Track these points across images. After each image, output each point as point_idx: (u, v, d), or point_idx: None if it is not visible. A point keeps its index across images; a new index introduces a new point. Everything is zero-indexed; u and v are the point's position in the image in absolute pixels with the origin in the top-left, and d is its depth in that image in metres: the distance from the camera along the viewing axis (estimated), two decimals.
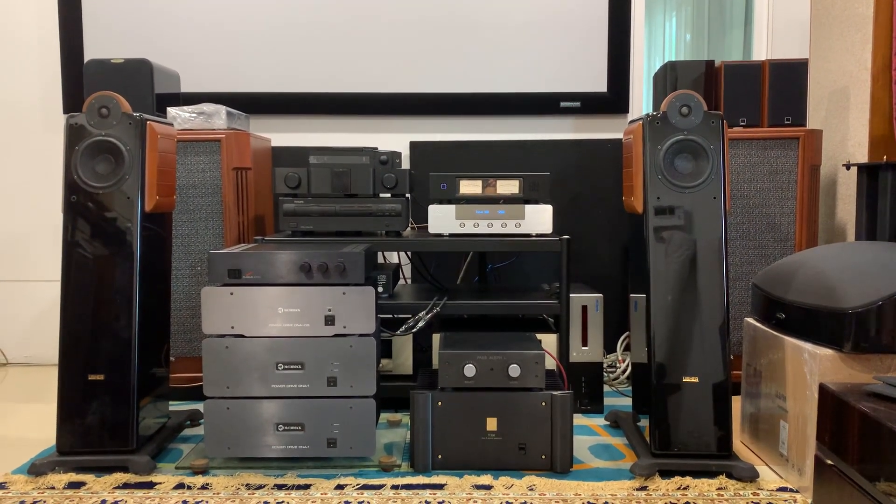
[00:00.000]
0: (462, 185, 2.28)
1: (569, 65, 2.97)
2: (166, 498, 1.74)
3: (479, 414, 1.89)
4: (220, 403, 1.86)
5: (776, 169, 2.46)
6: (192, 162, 2.47)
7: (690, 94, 1.85)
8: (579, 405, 2.40)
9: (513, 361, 1.88)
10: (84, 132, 1.90)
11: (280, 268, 1.87)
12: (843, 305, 1.66)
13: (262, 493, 1.77)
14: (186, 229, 2.48)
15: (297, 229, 2.28)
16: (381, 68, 2.97)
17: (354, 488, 1.78)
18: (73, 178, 1.89)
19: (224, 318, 1.86)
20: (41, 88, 3.01)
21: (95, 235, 1.89)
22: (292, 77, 2.97)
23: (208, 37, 2.95)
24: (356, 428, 1.87)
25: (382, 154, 2.32)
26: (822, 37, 2.78)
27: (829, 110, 2.72)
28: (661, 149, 1.85)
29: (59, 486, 1.80)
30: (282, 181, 2.28)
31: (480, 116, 3.01)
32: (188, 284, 2.50)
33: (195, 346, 2.52)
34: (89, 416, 1.87)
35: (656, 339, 1.84)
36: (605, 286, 2.89)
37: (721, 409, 1.82)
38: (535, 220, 2.26)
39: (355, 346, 1.86)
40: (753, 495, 1.74)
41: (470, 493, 1.75)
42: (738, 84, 2.49)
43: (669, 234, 1.85)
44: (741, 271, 2.50)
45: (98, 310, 1.88)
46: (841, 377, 1.66)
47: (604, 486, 1.79)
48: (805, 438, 1.72)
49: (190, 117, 2.48)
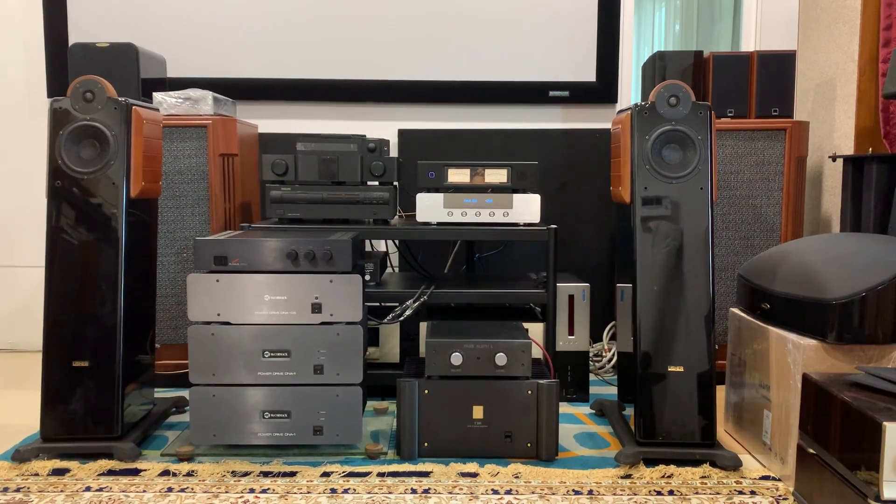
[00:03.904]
0: (450, 174, 2.27)
1: (558, 54, 2.96)
2: (151, 485, 1.74)
3: (465, 402, 1.89)
4: (206, 391, 1.85)
5: (763, 160, 2.48)
6: (178, 148, 2.45)
7: (679, 85, 1.86)
8: (565, 394, 2.41)
9: (499, 350, 1.88)
10: (68, 117, 1.88)
11: (267, 255, 1.87)
12: (827, 296, 1.68)
13: (247, 480, 1.77)
14: (172, 215, 2.47)
15: (283, 217, 2.27)
16: (369, 55, 2.95)
17: (340, 475, 1.79)
18: (58, 163, 1.87)
19: (210, 305, 1.85)
20: (25, 72, 2.98)
21: (80, 221, 1.88)
22: (280, 63, 2.95)
23: (195, 21, 2.92)
24: (342, 415, 1.87)
25: (370, 142, 2.31)
26: (809, 29, 2.79)
27: (816, 102, 2.73)
28: (648, 139, 1.85)
29: (43, 473, 1.79)
30: (269, 168, 2.27)
31: (469, 105, 3.00)
32: (174, 271, 2.49)
33: (181, 333, 2.50)
34: (74, 402, 1.86)
35: (642, 329, 1.85)
36: (591, 276, 2.90)
37: (705, 398, 1.83)
38: (522, 210, 2.26)
39: (342, 334, 1.86)
40: (736, 483, 1.75)
41: (456, 481, 1.76)
42: (726, 75, 2.49)
43: (656, 224, 1.86)
44: (727, 262, 2.51)
45: (83, 296, 1.87)
46: (824, 367, 1.68)
47: (589, 475, 1.80)
48: (788, 428, 1.74)
49: (176, 103, 2.46)
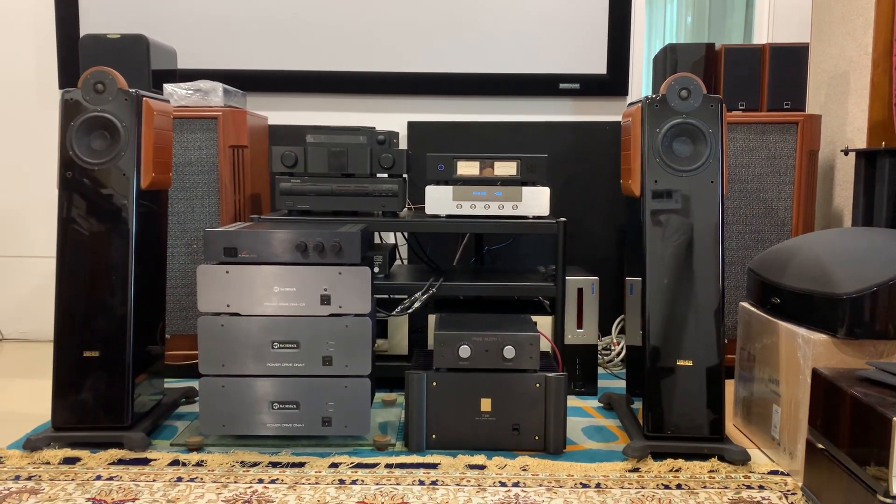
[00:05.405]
0: (459, 166, 2.27)
1: (568, 46, 2.95)
2: (161, 474, 1.75)
3: (473, 394, 1.89)
4: (216, 381, 1.86)
5: (774, 154, 2.46)
6: (189, 139, 2.45)
7: (690, 78, 1.84)
8: (573, 387, 2.41)
9: (508, 343, 1.88)
10: (79, 108, 1.88)
11: (276, 247, 1.87)
12: (838, 291, 1.67)
13: (256, 470, 1.77)
14: (182, 207, 2.47)
15: (293, 208, 2.28)
16: (379, 47, 2.94)
17: (349, 467, 1.79)
18: (69, 154, 1.88)
19: (220, 296, 1.86)
20: (36, 63, 2.99)
21: (91, 212, 1.89)
22: (290, 55, 2.94)
23: (206, 13, 2.92)
24: (351, 407, 1.87)
25: (380, 134, 2.30)
26: (823, 21, 2.77)
27: (829, 95, 2.71)
28: (659, 132, 1.84)
29: (53, 462, 1.81)
30: (278, 160, 2.27)
31: (479, 97, 3.00)
32: (184, 262, 2.49)
33: (191, 324, 2.52)
34: (84, 392, 1.87)
35: (651, 322, 1.85)
36: (601, 269, 2.90)
37: (714, 392, 1.83)
38: (532, 202, 2.25)
39: (351, 326, 1.86)
40: (745, 478, 1.75)
41: (463, 473, 1.77)
42: (738, 68, 2.47)
43: (666, 218, 1.85)
44: (737, 256, 2.50)
45: (93, 286, 1.88)
46: (834, 362, 1.67)
47: (596, 468, 1.80)
48: (797, 422, 1.73)
49: (186, 94, 2.47)
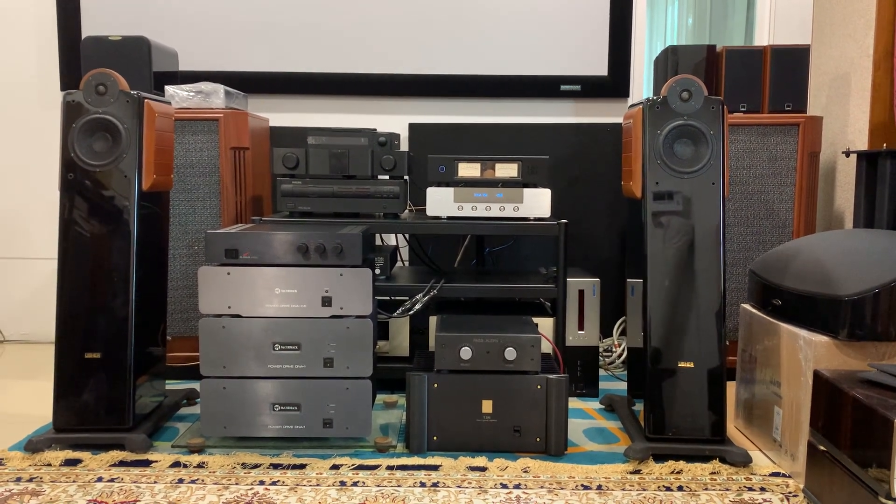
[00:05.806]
0: (460, 168, 2.27)
1: (570, 48, 2.95)
2: (162, 476, 1.75)
3: (474, 396, 1.89)
4: (217, 383, 1.86)
5: (775, 155, 2.46)
6: (190, 141, 2.46)
7: (691, 79, 1.84)
8: (575, 389, 2.41)
9: (509, 344, 1.88)
10: (81, 110, 1.89)
11: (277, 248, 1.87)
12: (839, 293, 1.67)
13: (257, 472, 1.78)
14: (184, 208, 2.48)
15: (294, 210, 2.28)
16: (381, 49, 2.95)
17: (350, 468, 1.79)
18: (70, 155, 1.88)
19: (221, 297, 1.86)
20: (38, 65, 2.99)
21: (92, 213, 1.89)
22: (291, 57, 2.95)
23: (207, 15, 2.92)
24: (352, 409, 1.87)
25: (381, 135, 2.31)
26: (824, 22, 2.77)
27: (830, 97, 2.71)
28: (660, 133, 1.85)
29: (55, 464, 1.81)
30: (280, 161, 2.28)
31: (480, 99, 3.00)
32: (185, 264, 2.50)
33: (192, 326, 2.52)
34: (86, 393, 1.88)
35: (652, 324, 1.84)
36: (602, 270, 2.90)
37: (715, 394, 1.83)
38: (533, 204, 2.25)
39: (352, 328, 1.86)
40: (746, 480, 1.75)
41: (465, 475, 1.76)
42: (739, 69, 2.48)
43: (667, 220, 1.85)
44: (738, 257, 2.50)
45: (95, 288, 1.88)
46: (835, 364, 1.67)
47: (598, 469, 1.80)
48: (798, 424, 1.73)
49: (188, 96, 2.47)
